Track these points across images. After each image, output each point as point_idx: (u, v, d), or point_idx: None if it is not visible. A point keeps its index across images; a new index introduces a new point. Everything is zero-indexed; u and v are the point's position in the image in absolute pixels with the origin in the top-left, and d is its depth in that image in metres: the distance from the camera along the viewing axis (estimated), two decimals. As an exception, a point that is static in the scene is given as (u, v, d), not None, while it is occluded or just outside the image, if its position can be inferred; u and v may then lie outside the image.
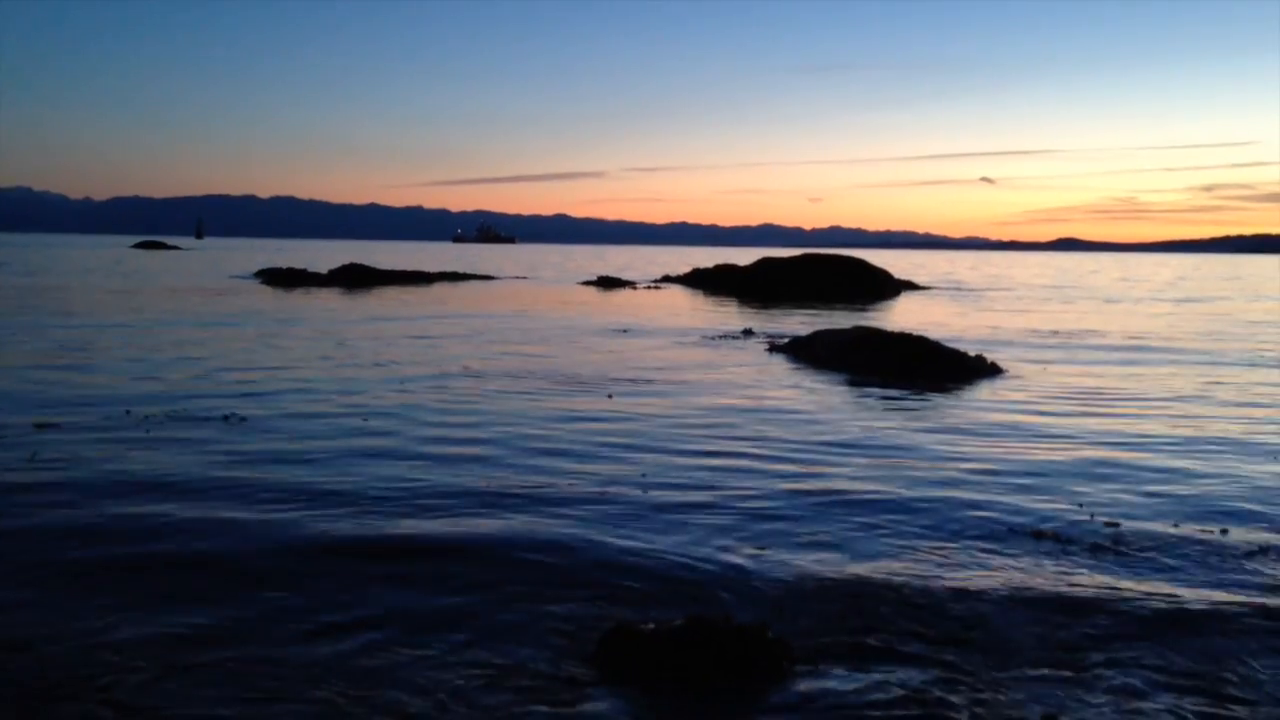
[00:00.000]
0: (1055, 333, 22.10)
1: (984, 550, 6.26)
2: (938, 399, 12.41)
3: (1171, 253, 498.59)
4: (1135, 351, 18.45)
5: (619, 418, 10.63)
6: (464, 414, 10.69)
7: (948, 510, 7.14)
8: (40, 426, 9.38)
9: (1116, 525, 6.78)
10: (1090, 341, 20.27)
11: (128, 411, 10.26)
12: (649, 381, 13.43)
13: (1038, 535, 6.59)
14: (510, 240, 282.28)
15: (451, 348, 17.28)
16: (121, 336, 17.87)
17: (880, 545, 6.34)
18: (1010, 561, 6.05)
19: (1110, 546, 6.37)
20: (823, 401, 12.13)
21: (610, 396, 12.01)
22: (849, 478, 8.11)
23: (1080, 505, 7.35)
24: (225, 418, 10.08)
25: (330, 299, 30.29)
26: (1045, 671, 4.53)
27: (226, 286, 36.15)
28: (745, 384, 13.37)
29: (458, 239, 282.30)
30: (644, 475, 8.05)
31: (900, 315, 27.19)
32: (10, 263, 55.45)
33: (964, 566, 5.95)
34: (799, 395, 12.57)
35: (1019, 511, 7.15)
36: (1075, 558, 6.14)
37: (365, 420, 10.18)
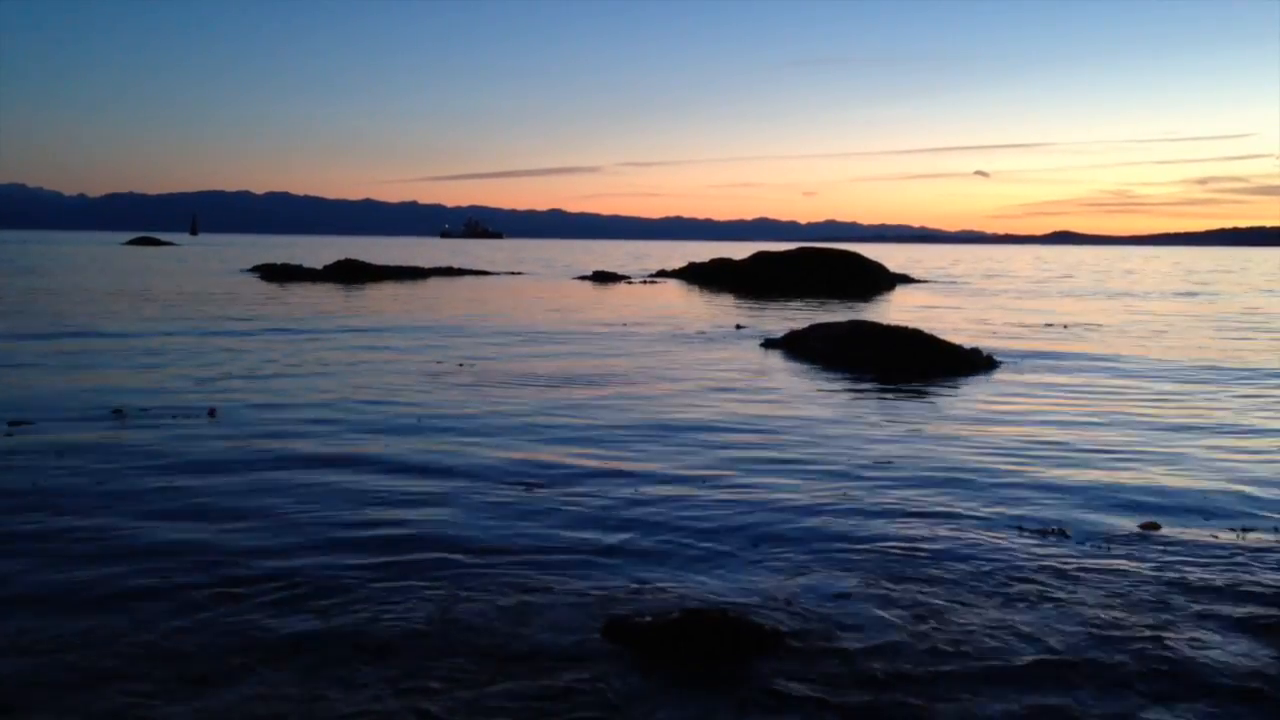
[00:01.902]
0: (1049, 325, 22.13)
1: (979, 544, 6.28)
2: (933, 393, 12.43)
3: (1166, 245, 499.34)
4: (1130, 344, 18.48)
5: (612, 420, 10.64)
6: (454, 414, 10.69)
7: (944, 507, 7.16)
8: (14, 424, 9.34)
9: (1156, 527, 6.66)
10: (1086, 334, 20.30)
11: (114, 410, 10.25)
12: (645, 379, 13.43)
13: (1043, 533, 6.61)
14: (498, 236, 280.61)
15: (447, 345, 17.26)
16: (118, 336, 17.83)
17: (876, 539, 6.36)
18: (1004, 552, 6.07)
19: (1139, 543, 6.39)
20: (817, 398, 12.14)
21: (605, 389, 12.02)
22: (845, 476, 8.12)
23: (1084, 503, 7.37)
24: (185, 416, 10.06)
25: (325, 294, 30.23)
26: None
27: (222, 282, 36.06)
28: (740, 381, 13.37)
29: (445, 234, 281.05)
30: (634, 490, 8.05)
31: (896, 309, 27.20)
32: (6, 261, 55.23)
33: (959, 558, 5.97)
34: (794, 392, 12.58)
35: (1015, 508, 7.18)
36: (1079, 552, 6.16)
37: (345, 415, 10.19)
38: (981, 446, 9.11)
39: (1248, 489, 7.68)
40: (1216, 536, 6.45)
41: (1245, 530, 6.61)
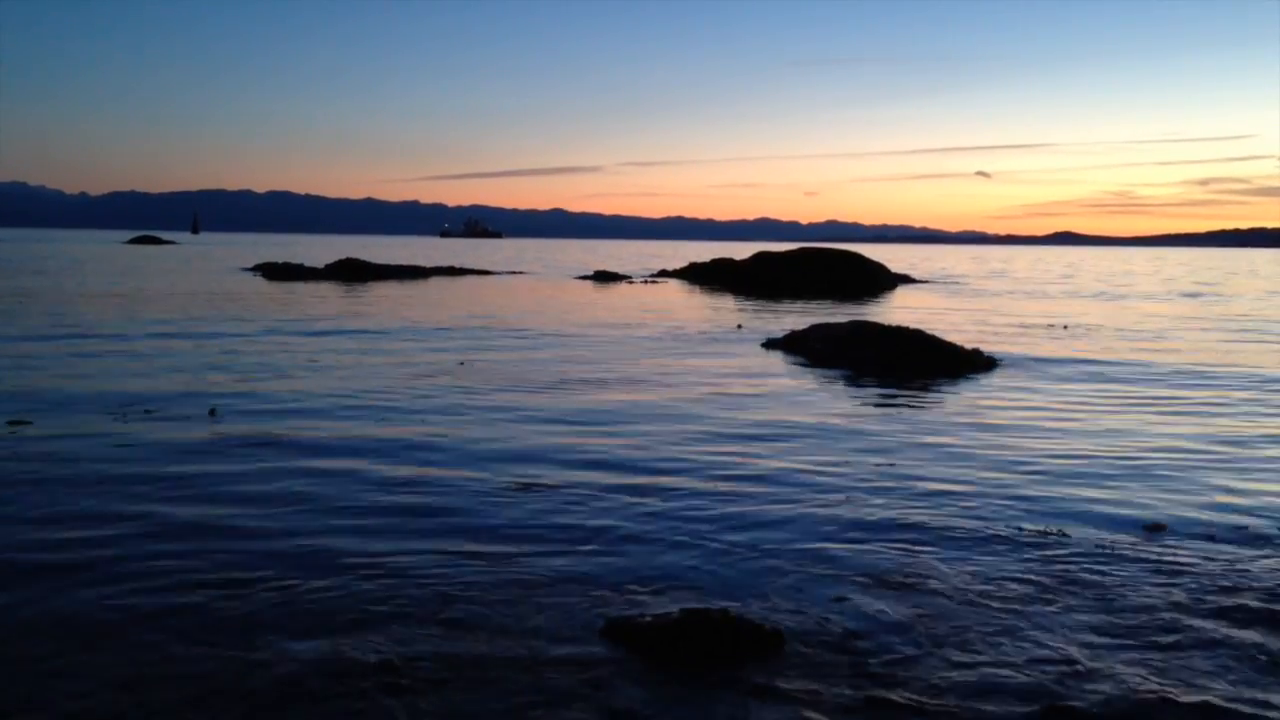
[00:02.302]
0: (1051, 326, 22.12)
1: (979, 546, 6.27)
2: (934, 395, 12.41)
3: (1168, 246, 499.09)
4: (1131, 346, 18.46)
5: (613, 419, 10.63)
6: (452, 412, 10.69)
7: (945, 509, 7.15)
8: (14, 424, 9.32)
9: (1161, 529, 6.63)
10: (1087, 336, 20.28)
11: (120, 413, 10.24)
12: (645, 380, 13.42)
13: (1044, 534, 6.60)
14: (497, 235, 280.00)
15: (447, 344, 17.25)
16: (119, 335, 17.82)
17: (870, 547, 6.35)
18: (1005, 554, 6.06)
19: (1151, 546, 6.38)
20: (818, 400, 12.12)
21: (604, 389, 12.00)
22: (845, 477, 8.11)
23: (1085, 505, 7.36)
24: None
25: (327, 293, 30.22)
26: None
27: (224, 281, 36.03)
28: (740, 382, 13.36)
29: (445, 234, 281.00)
30: (633, 490, 8.04)
31: (897, 309, 27.18)
32: (6, 259, 55.21)
33: (954, 563, 5.96)
34: (794, 394, 12.56)
35: (1015, 510, 7.17)
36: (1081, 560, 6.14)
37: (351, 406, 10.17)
38: (982, 448, 9.10)
39: (1250, 492, 7.67)
40: (1220, 538, 6.44)
41: (1249, 532, 6.60)
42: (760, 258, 39.57)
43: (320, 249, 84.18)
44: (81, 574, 5.45)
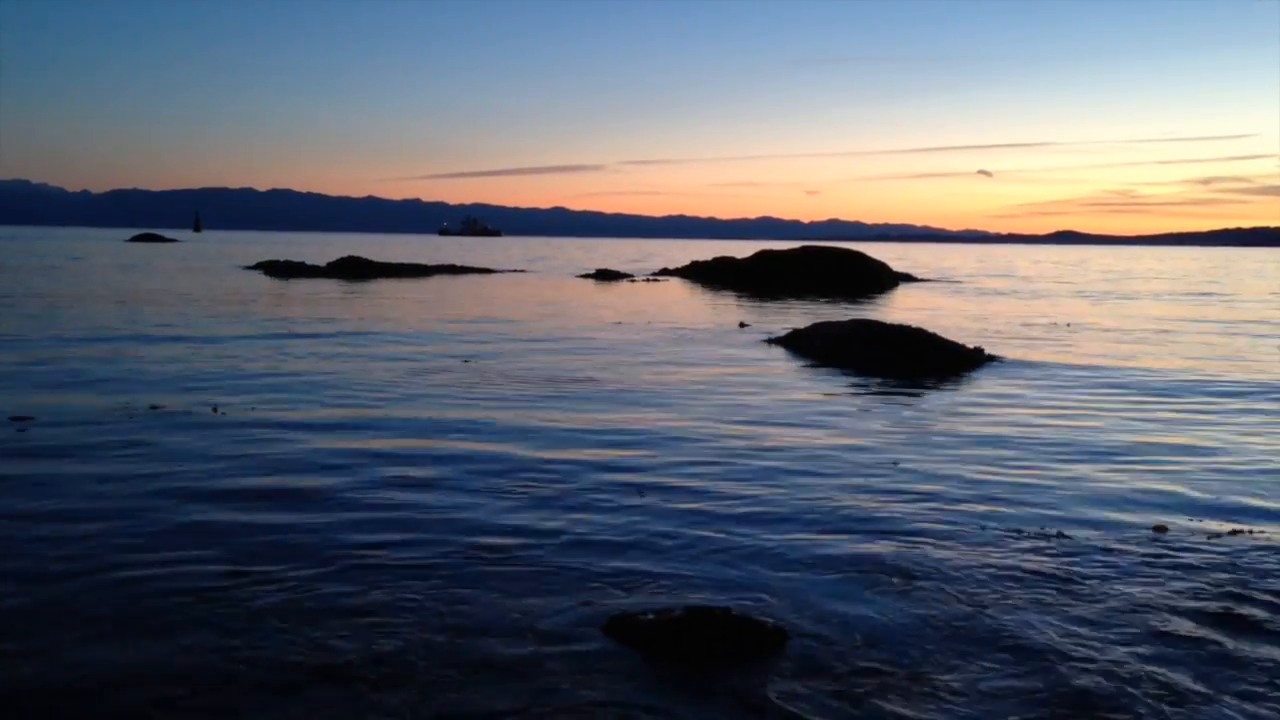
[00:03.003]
0: (1053, 325, 22.11)
1: (980, 547, 6.28)
2: (935, 394, 12.42)
3: (1169, 245, 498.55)
4: (1134, 347, 18.45)
5: (614, 417, 10.63)
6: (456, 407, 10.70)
7: (947, 509, 7.16)
8: (18, 419, 9.35)
9: (1163, 530, 6.61)
10: (1090, 335, 20.27)
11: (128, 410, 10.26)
12: (646, 378, 13.43)
13: (1044, 536, 6.61)
14: (496, 233, 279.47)
15: (449, 342, 17.26)
16: (121, 335, 17.83)
17: (870, 543, 6.36)
18: (1006, 555, 6.07)
19: (1155, 549, 6.39)
20: (819, 398, 12.13)
21: (606, 387, 12.00)
22: (846, 476, 8.12)
23: (1085, 506, 7.37)
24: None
25: (329, 291, 30.22)
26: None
27: (226, 279, 36.03)
28: (742, 379, 13.36)
29: (443, 232, 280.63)
30: (635, 489, 8.05)
31: (898, 308, 27.17)
32: (8, 259, 55.22)
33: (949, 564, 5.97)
34: (796, 391, 12.57)
35: (1016, 511, 7.18)
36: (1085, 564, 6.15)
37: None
38: (983, 448, 9.11)
39: (1252, 494, 7.68)
40: (1223, 540, 6.45)
41: (1250, 535, 6.60)
42: (762, 256, 39.56)
43: (322, 247, 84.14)
44: (86, 573, 5.48)
